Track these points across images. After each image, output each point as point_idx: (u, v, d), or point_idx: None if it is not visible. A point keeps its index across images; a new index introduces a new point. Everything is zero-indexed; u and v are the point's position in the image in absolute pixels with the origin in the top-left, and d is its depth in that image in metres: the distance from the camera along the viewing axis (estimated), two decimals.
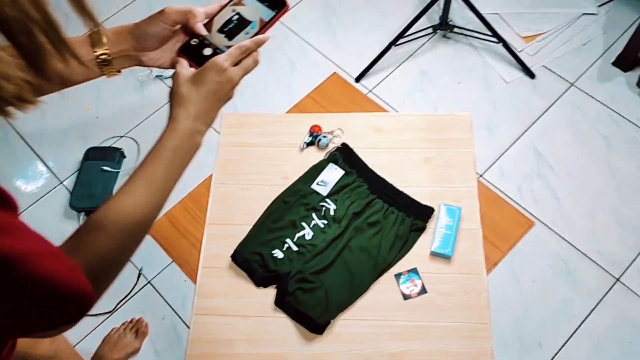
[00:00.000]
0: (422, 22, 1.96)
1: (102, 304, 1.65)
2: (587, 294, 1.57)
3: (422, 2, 2.08)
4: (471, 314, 1.54)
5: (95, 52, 0.72)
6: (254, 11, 0.74)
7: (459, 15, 2.04)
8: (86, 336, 1.61)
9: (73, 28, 0.56)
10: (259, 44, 0.73)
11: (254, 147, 1.85)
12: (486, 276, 1.60)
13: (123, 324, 1.61)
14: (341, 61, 2.03)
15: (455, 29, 1.98)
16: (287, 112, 1.93)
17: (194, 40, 0.74)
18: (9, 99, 0.46)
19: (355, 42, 2.07)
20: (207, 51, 0.73)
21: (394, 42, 1.91)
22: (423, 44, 2.03)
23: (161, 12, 0.73)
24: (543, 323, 1.54)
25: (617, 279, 1.58)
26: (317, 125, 1.85)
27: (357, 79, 1.98)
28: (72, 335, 1.59)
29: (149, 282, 1.68)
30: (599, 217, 1.67)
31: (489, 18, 1.90)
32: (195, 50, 0.73)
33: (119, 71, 0.76)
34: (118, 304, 1.65)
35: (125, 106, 2.01)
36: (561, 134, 1.82)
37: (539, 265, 1.62)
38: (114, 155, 1.86)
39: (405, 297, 1.58)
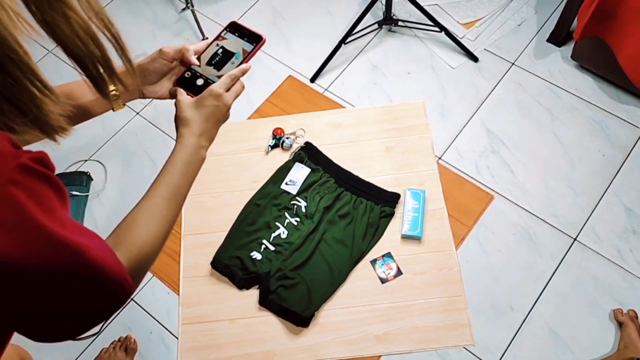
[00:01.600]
0: (368, 19, 2.04)
1: None
2: (549, 256, 1.68)
3: (366, 0, 2.17)
4: (446, 289, 1.63)
5: (111, 89, 0.84)
6: (236, 44, 0.90)
7: (402, 9, 2.14)
8: (76, 359, 1.62)
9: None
10: (244, 71, 0.88)
11: (220, 155, 1.90)
12: (455, 251, 1.69)
13: (112, 343, 1.62)
14: (294, 64, 2.09)
15: (400, 23, 2.08)
16: (248, 118, 1.98)
17: (187, 73, 0.88)
18: (56, 129, 0.62)
19: (306, 44, 2.13)
20: (200, 81, 0.87)
21: (343, 41, 1.99)
22: (371, 40, 2.11)
23: (160, 51, 0.87)
24: (512, 288, 1.65)
25: (575, 239, 1.70)
26: (279, 128, 1.90)
27: (312, 79, 2.04)
28: (61, 358, 1.59)
29: (132, 299, 1.70)
30: (551, 183, 1.79)
31: (429, 9, 2.00)
32: (189, 81, 0.87)
33: (124, 105, 0.89)
34: (104, 324, 1.66)
35: (87, 130, 2.00)
36: (508, 111, 1.93)
37: (502, 235, 1.72)
38: (81, 179, 1.87)
39: (383, 280, 1.65)
